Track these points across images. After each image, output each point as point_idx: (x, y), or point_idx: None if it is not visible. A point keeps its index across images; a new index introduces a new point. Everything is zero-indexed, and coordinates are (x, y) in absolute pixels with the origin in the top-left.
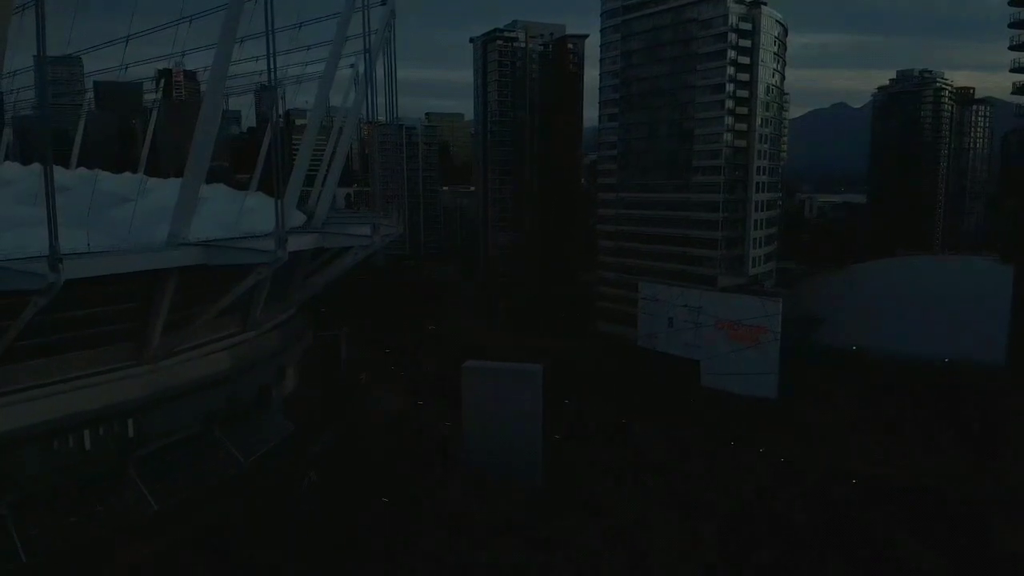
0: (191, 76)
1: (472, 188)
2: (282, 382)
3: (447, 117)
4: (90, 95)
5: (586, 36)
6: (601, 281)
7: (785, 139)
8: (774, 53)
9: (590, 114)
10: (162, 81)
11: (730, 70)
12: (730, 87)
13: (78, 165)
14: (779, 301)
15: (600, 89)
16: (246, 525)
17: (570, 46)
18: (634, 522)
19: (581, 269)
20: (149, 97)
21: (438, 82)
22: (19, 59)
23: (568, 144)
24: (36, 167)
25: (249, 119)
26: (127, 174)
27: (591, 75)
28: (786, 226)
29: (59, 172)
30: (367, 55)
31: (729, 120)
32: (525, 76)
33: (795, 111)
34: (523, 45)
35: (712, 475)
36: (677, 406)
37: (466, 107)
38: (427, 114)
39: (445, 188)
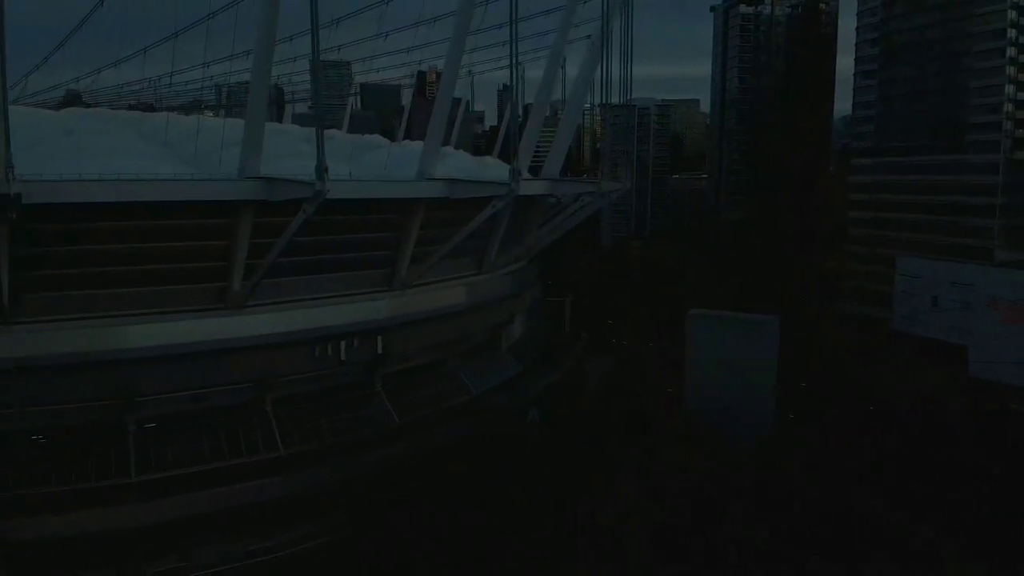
0: None
1: (704, 176)
2: (510, 326)
3: (682, 103)
4: (356, 96)
5: None
6: (849, 256)
7: None
8: None
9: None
10: (417, 81)
11: (1011, 14)
12: (1012, 33)
13: None
14: None
15: (856, 45)
16: (479, 446)
17: (823, 6)
18: None
19: (825, 247)
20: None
21: (672, 77)
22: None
23: (818, 114)
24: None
25: (491, 119)
26: (383, 137)
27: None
28: None
29: (329, 132)
30: (604, 18)
31: (1011, 70)
32: (770, 43)
33: None
34: (769, 9)
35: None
36: (939, 397)
37: (703, 96)
38: (662, 99)
39: (675, 176)
